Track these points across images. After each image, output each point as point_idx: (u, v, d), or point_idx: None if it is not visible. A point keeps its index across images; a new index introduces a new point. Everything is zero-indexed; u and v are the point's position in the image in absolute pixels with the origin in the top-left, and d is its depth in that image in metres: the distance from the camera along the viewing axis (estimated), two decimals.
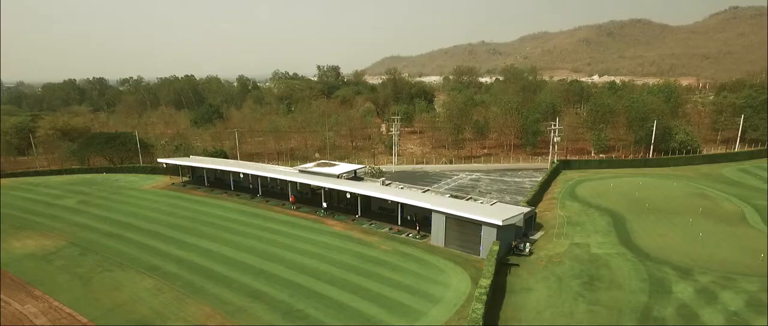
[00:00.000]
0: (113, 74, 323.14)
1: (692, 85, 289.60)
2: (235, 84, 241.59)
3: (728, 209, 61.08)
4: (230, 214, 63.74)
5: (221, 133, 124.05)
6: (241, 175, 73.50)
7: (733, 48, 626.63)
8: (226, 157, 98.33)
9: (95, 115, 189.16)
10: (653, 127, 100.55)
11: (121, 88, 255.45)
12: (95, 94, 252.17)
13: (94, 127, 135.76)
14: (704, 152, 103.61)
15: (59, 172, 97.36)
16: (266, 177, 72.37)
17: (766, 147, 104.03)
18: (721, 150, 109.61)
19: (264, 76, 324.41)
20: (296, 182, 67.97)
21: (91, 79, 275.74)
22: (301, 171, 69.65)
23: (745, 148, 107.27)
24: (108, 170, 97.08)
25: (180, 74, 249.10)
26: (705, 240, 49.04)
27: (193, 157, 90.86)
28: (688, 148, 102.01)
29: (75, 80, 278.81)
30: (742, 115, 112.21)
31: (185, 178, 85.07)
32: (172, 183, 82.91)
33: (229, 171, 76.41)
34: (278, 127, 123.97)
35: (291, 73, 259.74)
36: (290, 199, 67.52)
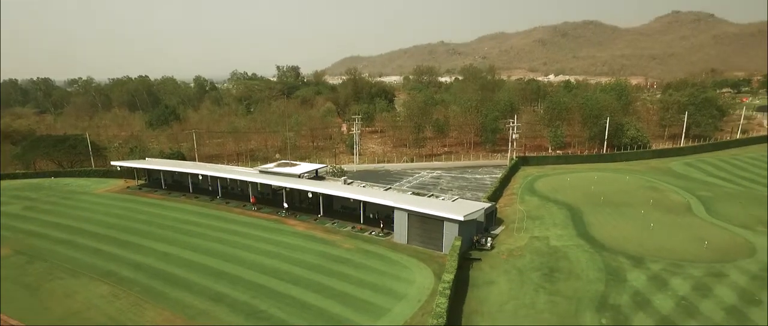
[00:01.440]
0: (59, 74, 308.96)
1: (641, 84, 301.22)
2: (192, 85, 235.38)
3: (676, 200, 63.95)
4: (189, 217, 62.05)
5: (178, 134, 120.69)
6: (200, 177, 71.73)
7: (676, 49, 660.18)
8: (183, 158, 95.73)
9: (41, 116, 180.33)
10: (606, 123, 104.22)
11: (69, 90, 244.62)
12: (40, 95, 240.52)
13: (40, 130, 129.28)
14: (653, 147, 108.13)
15: (0, 178, 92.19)
16: (226, 179, 70.88)
17: None
18: (668, 145, 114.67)
19: (222, 76, 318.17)
20: (257, 183, 66.85)
21: (34, 79, 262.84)
22: (262, 172, 68.58)
23: (690, 144, 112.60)
24: (56, 174, 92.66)
25: (133, 75, 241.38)
26: (656, 230, 51.17)
27: (149, 159, 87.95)
28: (639, 143, 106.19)
29: (17, 80, 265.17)
30: (686, 112, 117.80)
31: (141, 181, 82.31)
32: (128, 187, 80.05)
33: (188, 173, 74.40)
34: (237, 127, 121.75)
35: (250, 74, 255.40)
36: (251, 200, 66.35)
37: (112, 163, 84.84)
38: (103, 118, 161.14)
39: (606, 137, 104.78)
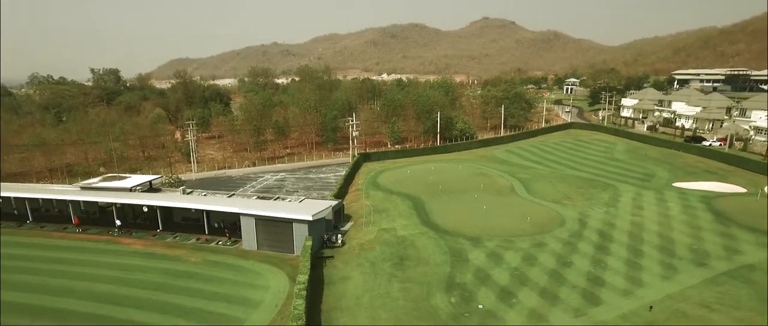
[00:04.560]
0: None
1: (464, 81, 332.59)
2: None
3: (502, 183, 71.79)
4: None
5: None
6: (0, 200, 60.63)
7: (489, 50, 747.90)
8: None
9: None
10: (437, 118, 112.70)
11: None
12: None
13: None
14: (479, 137, 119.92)
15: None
16: (37, 199, 60.95)
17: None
18: (491, 135, 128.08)
19: (17, 80, 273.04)
20: (79, 201, 58.74)
21: None
22: (84, 188, 60.42)
23: (508, 133, 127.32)
24: None
25: None
26: (488, 212, 56.83)
27: None
28: (467, 134, 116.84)
29: None
30: (503, 106, 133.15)
31: None
32: None
33: None
34: (47, 140, 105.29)
35: (56, 77, 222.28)
36: (74, 221, 57.96)
37: None
38: None
39: (438, 130, 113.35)
